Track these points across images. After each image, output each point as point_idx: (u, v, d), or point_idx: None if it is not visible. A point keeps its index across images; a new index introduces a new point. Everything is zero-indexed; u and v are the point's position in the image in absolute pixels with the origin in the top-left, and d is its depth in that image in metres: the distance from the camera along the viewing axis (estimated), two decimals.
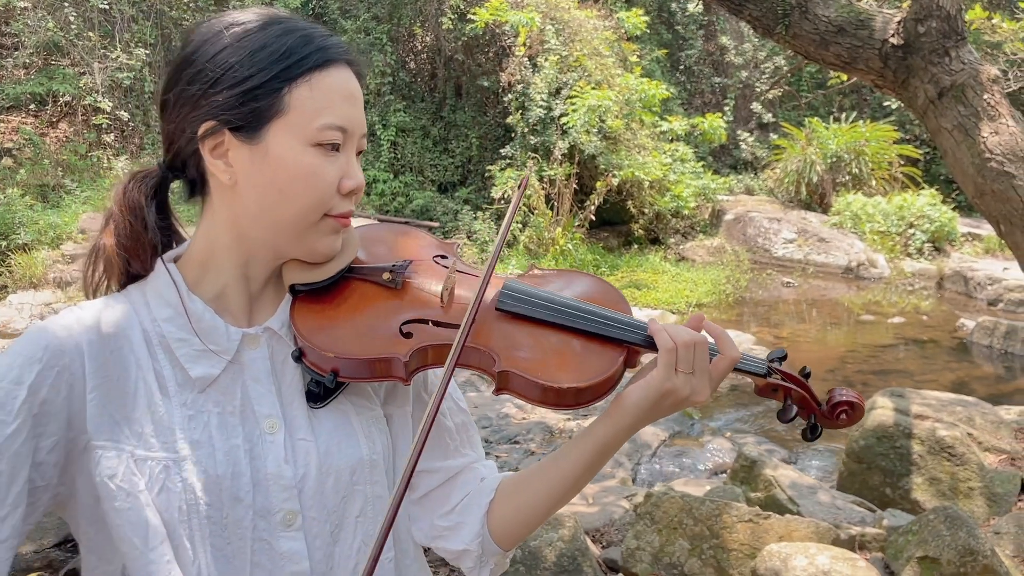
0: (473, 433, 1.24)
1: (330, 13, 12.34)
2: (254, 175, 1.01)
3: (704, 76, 15.07)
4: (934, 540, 3.01)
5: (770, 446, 5.60)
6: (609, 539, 3.96)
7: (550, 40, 10.71)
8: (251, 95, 0.99)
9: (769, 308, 9.52)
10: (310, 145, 1.01)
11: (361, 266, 1.13)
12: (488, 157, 11.62)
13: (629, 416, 1.07)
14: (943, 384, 6.83)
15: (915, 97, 3.45)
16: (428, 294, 1.11)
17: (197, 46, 1.02)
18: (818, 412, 1.14)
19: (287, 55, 1.00)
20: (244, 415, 1.03)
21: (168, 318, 1.03)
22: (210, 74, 1.00)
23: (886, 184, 12.34)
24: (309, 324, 1.05)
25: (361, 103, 1.08)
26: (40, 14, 10.02)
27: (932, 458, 4.04)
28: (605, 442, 1.09)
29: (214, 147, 1.01)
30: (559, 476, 1.12)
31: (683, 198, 11.12)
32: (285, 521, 1.02)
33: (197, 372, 1.02)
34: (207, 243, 1.07)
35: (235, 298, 1.08)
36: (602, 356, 1.07)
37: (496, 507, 1.16)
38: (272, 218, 1.03)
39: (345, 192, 1.04)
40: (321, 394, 1.06)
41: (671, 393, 1.06)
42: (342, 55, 1.05)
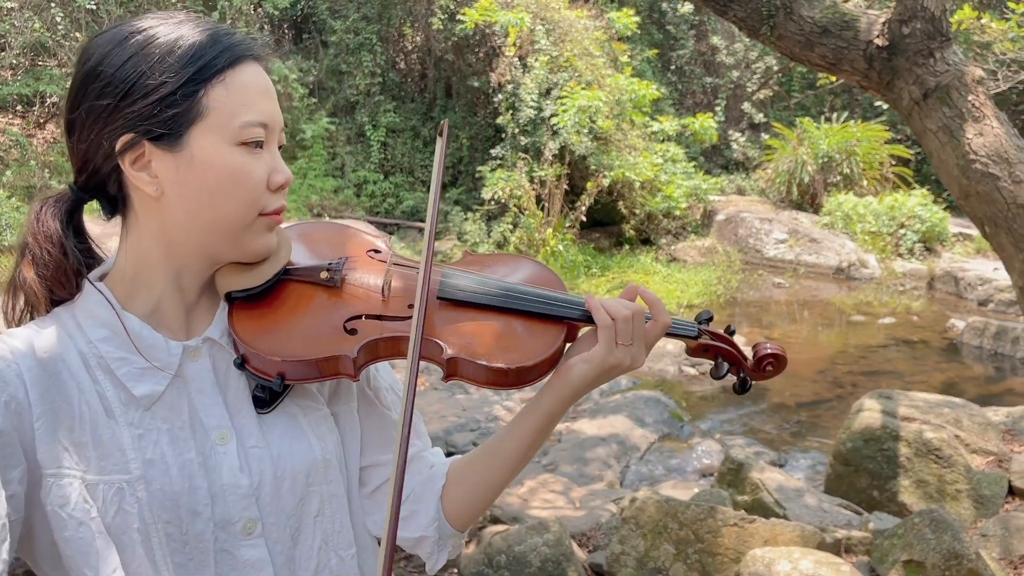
0: (418, 423, 1.25)
1: (319, 14, 12.29)
2: (181, 182, 0.99)
3: (695, 76, 15.06)
4: (919, 544, 3.00)
5: (759, 448, 5.58)
6: (595, 543, 3.94)
7: (540, 40, 10.69)
8: (167, 102, 0.97)
9: (760, 309, 9.51)
10: (234, 144, 0.99)
11: (296, 267, 1.12)
12: (479, 158, 11.59)
13: (573, 388, 1.11)
14: (933, 385, 6.83)
15: (900, 98, 3.43)
16: (368, 289, 1.11)
17: (100, 59, 0.98)
18: (746, 367, 1.21)
19: (197, 57, 0.98)
20: (194, 429, 1.02)
21: (104, 338, 1.00)
22: (120, 85, 0.97)
23: (877, 184, 12.35)
24: (250, 330, 1.04)
25: (275, 97, 1.06)
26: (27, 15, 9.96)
27: (919, 460, 4.03)
28: (550, 413, 1.13)
29: (135, 160, 0.99)
30: (508, 450, 1.16)
31: (674, 198, 11.10)
32: (245, 530, 1.02)
33: (141, 391, 1.00)
34: (135, 258, 1.04)
35: (171, 311, 1.05)
36: (545, 334, 1.11)
37: (449, 490, 1.19)
38: (205, 223, 1.01)
39: (275, 188, 1.03)
40: (268, 399, 1.06)
41: (614, 366, 1.10)
42: (251, 51, 1.03)
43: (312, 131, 11.27)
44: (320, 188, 11.25)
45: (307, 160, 11.54)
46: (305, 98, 11.56)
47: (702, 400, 6.77)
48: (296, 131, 11.47)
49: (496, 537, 3.50)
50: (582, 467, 5.03)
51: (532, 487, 4.60)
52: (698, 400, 6.76)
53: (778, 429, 6.13)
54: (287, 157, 11.57)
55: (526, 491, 4.55)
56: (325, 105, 11.97)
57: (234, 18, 11.02)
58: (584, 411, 6.08)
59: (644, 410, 5.93)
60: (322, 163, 11.60)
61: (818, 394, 6.91)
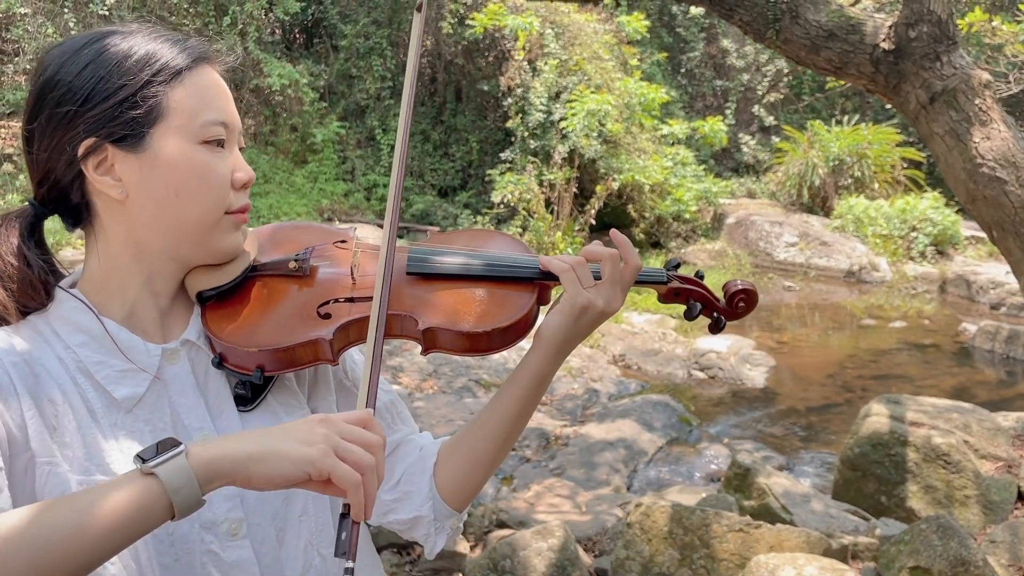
0: (402, 409, 1.26)
1: (330, 18, 12.34)
2: (146, 183, 0.99)
3: (705, 79, 15.03)
4: (926, 550, 2.98)
5: (767, 452, 5.56)
6: (601, 548, 3.93)
7: (550, 44, 10.70)
8: (128, 103, 0.98)
9: (770, 312, 9.47)
10: (197, 143, 1.00)
11: (264, 262, 1.14)
12: (488, 161, 11.61)
13: (553, 342, 1.13)
14: (944, 389, 6.78)
15: (907, 102, 3.42)
16: (337, 274, 1.13)
17: (57, 68, 0.99)
18: (718, 307, 1.23)
19: (155, 59, 1.00)
20: (176, 431, 1.02)
21: (82, 343, 1.01)
22: (79, 92, 0.97)
23: (889, 187, 12.28)
24: (225, 327, 1.05)
25: (232, 99, 1.08)
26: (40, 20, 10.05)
27: (927, 466, 4.01)
28: (537, 372, 1.14)
29: (98, 164, 0.99)
30: (499, 417, 1.16)
31: (684, 202, 11.08)
32: (231, 531, 1.02)
33: (122, 393, 1.00)
34: (105, 265, 1.04)
35: (146, 316, 1.06)
36: (516, 296, 1.13)
37: (441, 467, 1.19)
38: (172, 223, 1.02)
39: (239, 186, 1.05)
40: (250, 395, 1.06)
41: (586, 308, 1.11)
42: (206, 54, 1.05)
43: (323, 135, 11.32)
44: (331, 192, 11.29)
45: (318, 164, 11.59)
46: (316, 102, 11.60)
47: (711, 404, 6.75)
48: (307, 135, 11.52)
49: (501, 541, 3.50)
50: (589, 471, 5.02)
51: (538, 491, 4.60)
52: (707, 404, 6.74)
53: (787, 433, 6.11)
54: (297, 161, 11.64)
55: (532, 495, 4.55)
56: (336, 109, 12.01)
57: (245, 23, 11.08)
58: (592, 415, 6.07)
59: (652, 414, 5.92)
60: (332, 167, 11.64)
61: (828, 398, 6.88)
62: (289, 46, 12.78)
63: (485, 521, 4.08)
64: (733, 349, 7.46)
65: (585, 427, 5.74)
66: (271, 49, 11.74)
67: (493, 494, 4.70)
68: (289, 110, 11.67)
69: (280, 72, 10.92)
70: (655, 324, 8.45)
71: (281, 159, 11.61)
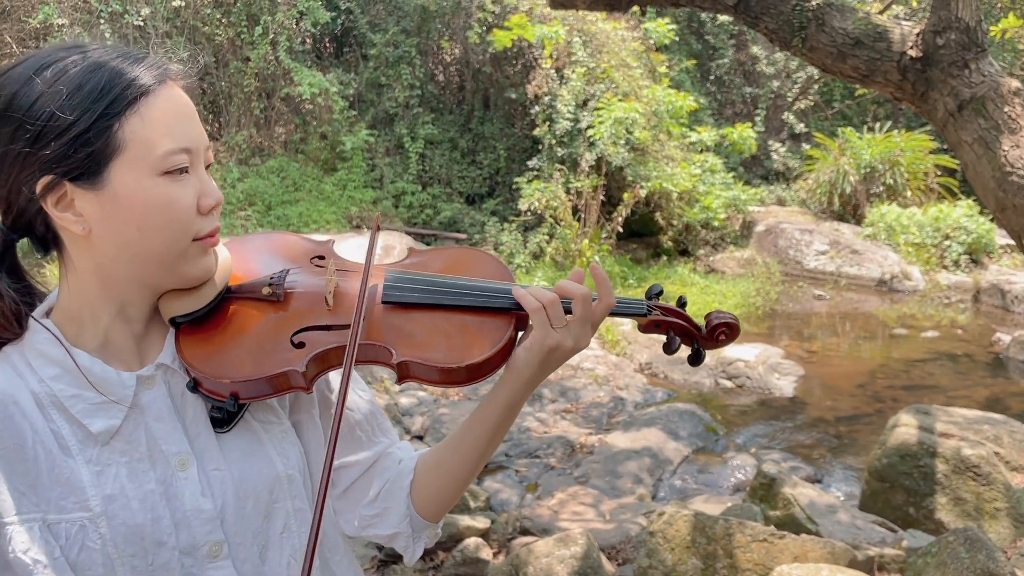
0: (383, 420, 1.26)
1: (359, 27, 12.46)
2: (108, 219, 0.97)
3: (735, 86, 14.95)
4: (953, 563, 2.94)
5: (795, 462, 5.51)
6: (625, 556, 3.92)
7: (577, 52, 10.71)
8: (81, 140, 0.94)
9: (800, 321, 9.38)
10: (157, 175, 0.97)
11: (239, 284, 1.11)
12: (516, 169, 11.63)
13: (522, 378, 1.12)
14: (976, 400, 6.68)
15: (935, 110, 3.39)
16: (313, 300, 1.11)
17: (8, 100, 0.95)
18: (700, 337, 1.19)
19: (107, 89, 0.95)
20: (153, 458, 1.01)
21: (55, 376, 0.99)
22: (31, 128, 0.94)
23: (922, 195, 12.12)
24: (197, 354, 1.04)
25: (196, 116, 1.03)
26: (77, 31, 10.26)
27: (957, 477, 3.95)
28: (506, 405, 1.14)
29: (57, 201, 0.97)
30: (470, 446, 1.17)
31: (713, 209, 11.02)
32: (211, 553, 1.02)
33: (97, 427, 0.99)
34: (76, 296, 1.03)
35: (120, 343, 1.05)
36: (492, 328, 1.11)
37: (418, 486, 1.21)
38: (138, 256, 0.99)
39: (206, 211, 1.02)
40: (225, 418, 1.06)
41: (554, 349, 1.10)
42: (164, 75, 1.00)
43: (352, 143, 11.42)
44: (359, 199, 11.38)
45: (347, 172, 11.69)
46: (345, 111, 11.71)
47: (738, 414, 6.70)
48: (336, 143, 11.63)
49: (524, 549, 3.51)
50: (614, 480, 5.01)
51: (562, 499, 4.60)
52: (734, 413, 6.69)
53: (816, 444, 6.04)
54: (326, 168, 11.75)
55: (556, 503, 4.55)
56: (365, 117, 12.12)
57: (277, 32, 11.22)
58: (617, 424, 6.06)
59: (678, 423, 5.89)
60: (361, 174, 11.73)
61: (858, 408, 6.80)
62: (319, 55, 12.92)
63: (509, 528, 4.08)
64: (761, 358, 7.41)
65: (610, 435, 5.73)
66: (301, 58, 11.88)
67: (517, 501, 4.71)
68: (319, 118, 11.79)
69: (310, 81, 11.05)
70: None
71: (311, 167, 11.73)
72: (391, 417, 5.48)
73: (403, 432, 5.43)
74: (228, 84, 11.54)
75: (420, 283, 1.14)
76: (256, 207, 10.71)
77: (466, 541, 3.82)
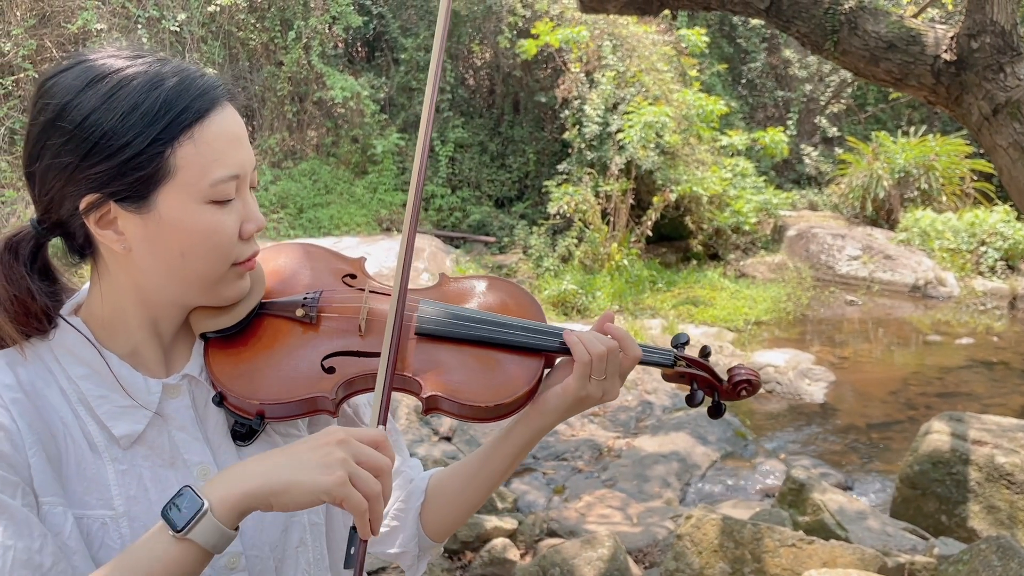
0: (398, 438, 1.27)
1: (391, 32, 12.57)
2: (150, 242, 0.96)
3: (767, 90, 14.84)
4: (985, 571, 2.91)
5: (825, 469, 5.47)
6: (652, 560, 3.92)
7: (607, 56, 10.71)
8: (132, 164, 0.92)
9: (832, 327, 9.29)
10: (204, 203, 0.96)
11: (272, 301, 1.10)
12: (545, 172, 11.65)
13: (548, 419, 1.13)
14: (1012, 408, 6.57)
15: (969, 114, 3.36)
16: (345, 325, 1.10)
17: (60, 109, 0.93)
18: (721, 390, 1.20)
19: (163, 112, 0.93)
20: (175, 466, 1.01)
21: (84, 375, 0.99)
22: (81, 144, 0.92)
23: (957, 200, 11.95)
24: (227, 371, 1.04)
25: (245, 138, 1.02)
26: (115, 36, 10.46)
27: (990, 485, 3.90)
28: (528, 443, 1.16)
29: (100, 218, 0.96)
30: (486, 475, 1.19)
31: (743, 213, 10.95)
32: (229, 565, 1.02)
33: (121, 431, 0.99)
34: (109, 305, 1.02)
35: (149, 354, 1.05)
36: (523, 368, 1.11)
37: (428, 508, 1.23)
38: (176, 278, 1.00)
39: (247, 236, 1.02)
40: (246, 433, 1.06)
41: (586, 399, 1.12)
42: (220, 96, 0.99)
43: (382, 146, 11.51)
44: (389, 202, 11.47)
45: (377, 175, 11.79)
46: (376, 114, 11.82)
47: (768, 419, 6.66)
48: (367, 146, 11.73)
49: (551, 550, 3.52)
50: (641, 484, 5.01)
51: (589, 502, 4.60)
52: (764, 418, 6.65)
53: (847, 450, 5.99)
54: (357, 172, 11.86)
55: (583, 505, 4.56)
56: (395, 121, 12.21)
57: (310, 37, 11.35)
58: (646, 428, 6.05)
59: (707, 427, 5.87)
60: (391, 177, 11.82)
61: (890, 415, 6.72)
62: (351, 59, 13.05)
63: (536, 530, 4.10)
64: (792, 363, 7.35)
65: (638, 439, 5.72)
66: (334, 62, 12.01)
67: (544, 503, 4.72)
68: (350, 122, 11.91)
69: (342, 85, 11.17)
70: (712, 337, 8.37)
71: (342, 170, 11.85)
72: (419, 419, 5.51)
73: (431, 433, 5.46)
74: (261, 88, 11.69)
75: (454, 317, 1.12)
76: (288, 210, 10.83)
77: (493, 542, 3.84)
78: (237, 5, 11.06)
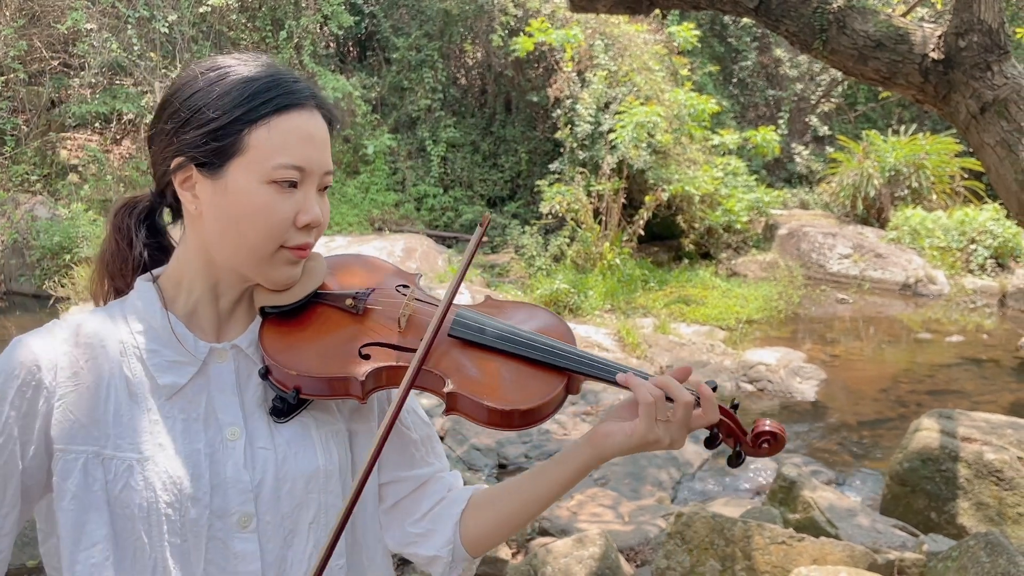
0: (436, 444, 1.32)
1: (383, 31, 12.56)
2: (215, 207, 1.10)
3: (758, 89, 14.88)
4: (973, 567, 2.92)
5: (816, 466, 5.48)
6: (643, 558, 3.93)
7: (599, 55, 10.72)
8: (215, 135, 1.08)
9: (823, 325, 9.33)
10: (265, 183, 1.08)
11: (327, 292, 1.21)
12: (537, 172, 11.66)
13: (608, 454, 1.17)
14: (1001, 405, 6.60)
15: (957, 112, 3.38)
16: (387, 319, 1.19)
17: (176, 89, 1.12)
18: (744, 441, 1.20)
19: (250, 99, 1.09)
20: (207, 422, 1.11)
21: (142, 331, 1.12)
22: (183, 115, 1.10)
23: (947, 198, 12.00)
24: (276, 344, 1.14)
25: (324, 144, 1.14)
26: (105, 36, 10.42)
27: (979, 482, 3.92)
28: (582, 470, 1.19)
29: (183, 180, 1.11)
30: (537, 496, 1.22)
31: (735, 212, 10.97)
32: (240, 523, 1.09)
33: (165, 380, 1.10)
34: (182, 264, 1.16)
35: (205, 315, 1.16)
36: (544, 382, 1.15)
37: (469, 518, 1.25)
38: (231, 245, 1.11)
39: (300, 226, 1.11)
40: (285, 410, 1.13)
41: (653, 443, 1.13)
42: (306, 99, 1.12)
43: (374, 146, 11.50)
44: (381, 202, 11.46)
45: (369, 175, 11.78)
46: (368, 114, 11.80)
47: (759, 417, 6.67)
48: (359, 146, 11.72)
49: (542, 549, 3.53)
50: (633, 482, 5.02)
51: (581, 500, 4.61)
52: (755, 416, 6.65)
53: (838, 448, 6.01)
54: (349, 172, 11.84)
55: (575, 504, 4.57)
56: (387, 121, 12.20)
57: (301, 37, 11.34)
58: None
59: None
60: (384, 178, 11.81)
61: (880, 413, 6.75)
62: (343, 59, 13.03)
63: (527, 529, 4.11)
64: (783, 362, 7.37)
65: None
66: (325, 62, 11.99)
67: None
68: (342, 122, 11.90)
69: (334, 85, 11.15)
70: (704, 335, 8.39)
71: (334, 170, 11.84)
72: None
73: None
74: None
75: (488, 326, 1.19)
76: None
77: None
78: (228, 5, 11.04)
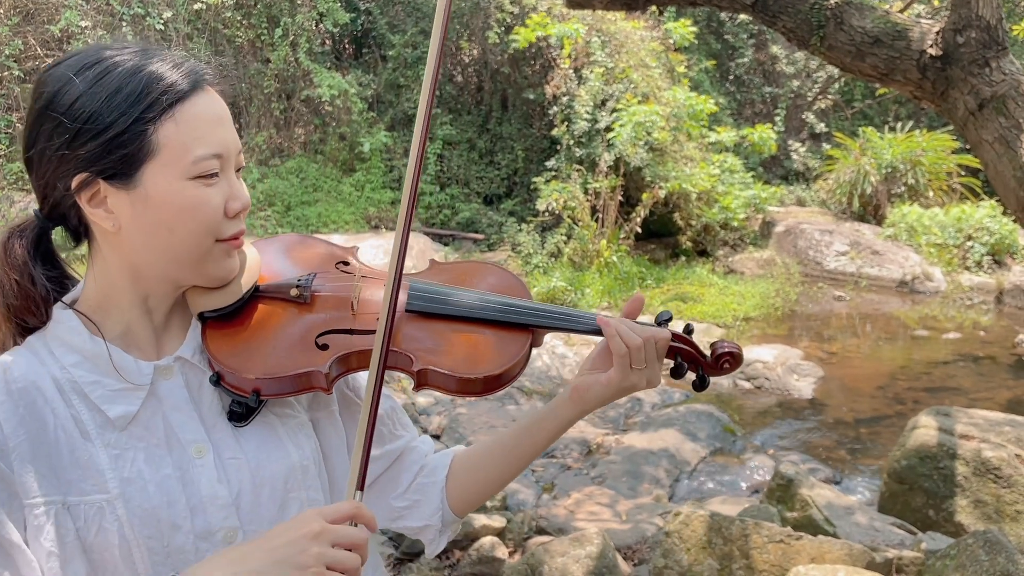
0: (402, 415, 1.30)
1: (378, 28, 12.52)
2: (138, 218, 1.00)
3: (754, 86, 14.86)
4: (972, 565, 2.91)
5: (814, 464, 5.48)
6: (641, 557, 3.92)
7: (596, 52, 10.70)
8: (117, 142, 0.97)
9: (820, 322, 9.32)
10: (187, 179, 1.00)
11: (267, 285, 1.15)
12: (534, 169, 11.63)
13: (590, 407, 1.19)
14: (999, 402, 6.60)
15: (955, 109, 3.36)
16: (338, 304, 1.14)
17: (50, 97, 0.99)
18: (704, 364, 1.23)
19: (144, 93, 0.98)
20: (170, 445, 1.04)
21: (76, 363, 1.03)
22: (70, 126, 0.97)
23: (944, 195, 12.00)
24: (224, 349, 1.08)
25: (230, 121, 1.06)
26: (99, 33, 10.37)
27: (977, 480, 3.91)
28: (564, 427, 1.22)
29: (90, 197, 1.00)
30: (519, 455, 1.23)
31: (732, 209, 10.96)
32: (226, 539, 1.04)
33: (116, 412, 1.02)
34: (103, 286, 1.07)
35: (140, 333, 1.08)
36: (510, 342, 1.15)
37: (453, 482, 1.25)
38: (164, 253, 1.03)
39: (232, 215, 1.05)
40: (244, 413, 1.08)
41: (629, 388, 1.15)
42: (201, 80, 1.03)
43: (370, 144, 11.47)
44: (377, 200, 11.43)
45: (365, 173, 11.74)
46: (364, 112, 11.76)
47: (757, 415, 6.66)
48: (355, 144, 11.69)
49: (539, 548, 3.51)
50: (631, 480, 5.00)
51: (579, 499, 4.60)
52: (752, 415, 6.65)
53: (835, 445, 6.00)
54: (345, 169, 11.81)
55: (572, 503, 4.55)
56: (383, 118, 12.16)
57: (296, 34, 11.29)
58: (635, 424, 6.05)
59: (696, 424, 5.87)
60: (380, 175, 11.78)
61: (878, 410, 6.74)
62: (339, 56, 12.99)
63: (524, 528, 4.09)
64: (780, 359, 7.37)
65: (627, 436, 5.72)
66: (321, 60, 11.95)
67: (533, 501, 4.71)
68: (338, 120, 11.85)
69: (330, 83, 11.11)
70: (701, 333, 8.37)
71: (330, 168, 11.80)
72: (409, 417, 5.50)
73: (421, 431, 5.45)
74: (248, 86, 11.63)
75: (444, 294, 1.17)
76: (275, 207, 10.78)
77: (482, 540, 3.83)
78: (223, 2, 10.99)
